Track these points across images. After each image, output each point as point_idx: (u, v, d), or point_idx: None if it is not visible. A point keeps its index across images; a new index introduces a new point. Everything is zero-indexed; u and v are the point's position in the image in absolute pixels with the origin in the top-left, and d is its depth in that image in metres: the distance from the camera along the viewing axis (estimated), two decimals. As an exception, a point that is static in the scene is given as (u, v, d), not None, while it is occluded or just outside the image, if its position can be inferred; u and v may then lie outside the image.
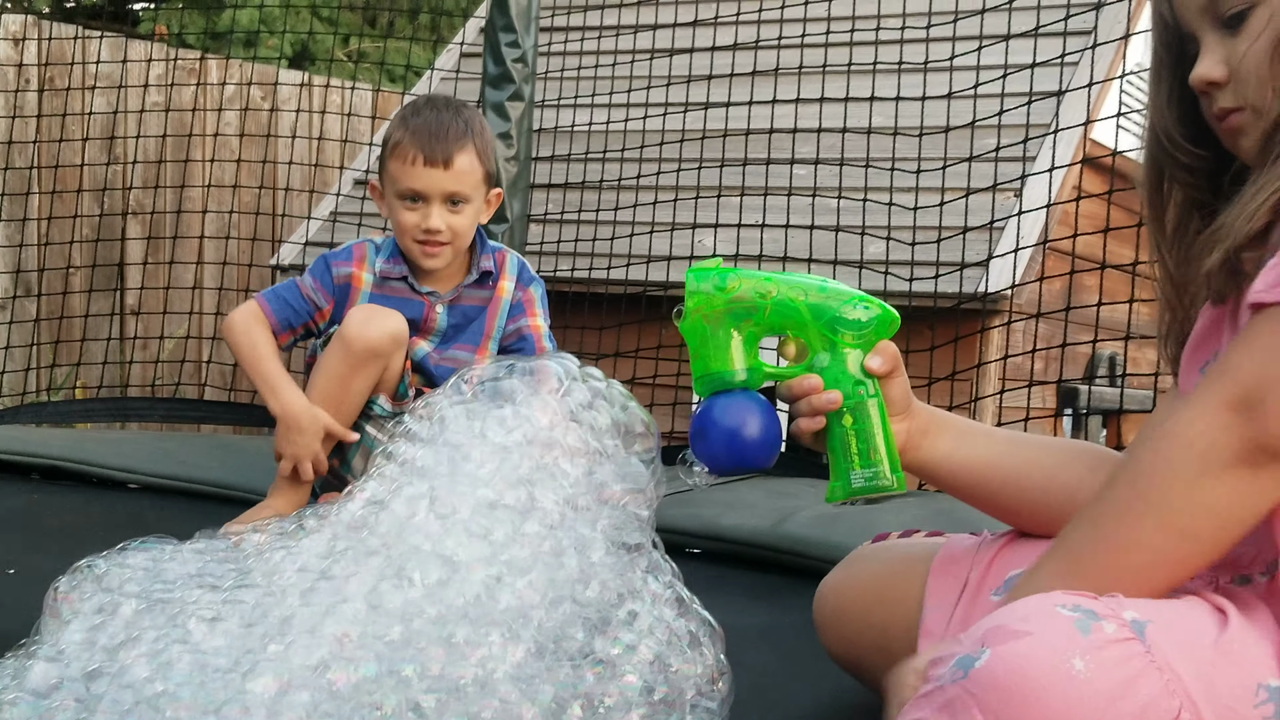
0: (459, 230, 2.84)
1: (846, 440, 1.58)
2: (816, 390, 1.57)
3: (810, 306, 1.58)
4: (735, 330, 1.57)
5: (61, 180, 5.17)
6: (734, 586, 2.57)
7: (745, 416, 1.57)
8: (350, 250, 2.95)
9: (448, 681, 1.49)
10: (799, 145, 4.18)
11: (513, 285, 2.97)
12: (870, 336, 1.58)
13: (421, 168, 2.79)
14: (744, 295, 1.57)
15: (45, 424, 4.46)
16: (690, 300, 1.58)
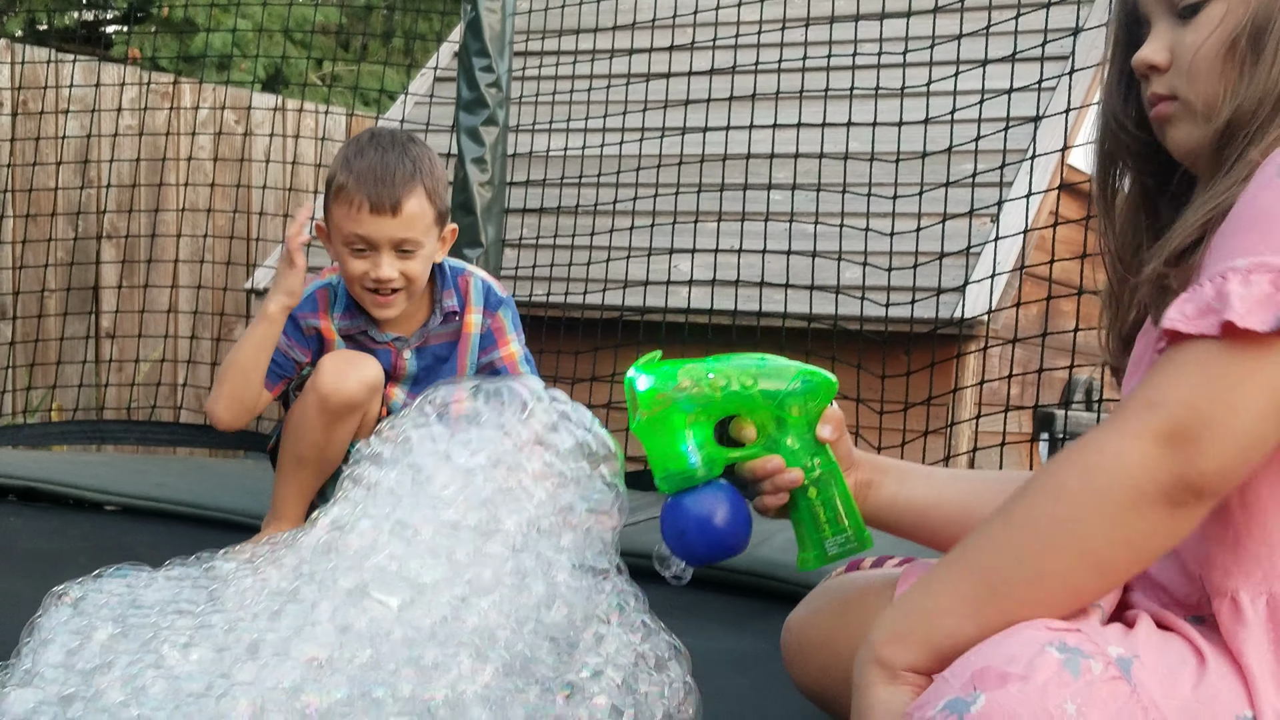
0: (412, 276, 2.69)
1: (814, 511, 1.63)
2: (780, 470, 1.60)
3: (763, 392, 1.61)
4: (688, 423, 1.58)
5: (36, 204, 5.15)
6: (706, 611, 2.57)
7: (715, 509, 1.60)
8: (314, 300, 2.80)
9: (418, 703, 1.49)
10: (776, 170, 4.19)
11: (480, 315, 2.84)
12: (816, 405, 1.62)
13: (368, 215, 2.62)
14: (697, 390, 1.59)
15: (21, 446, 4.44)
16: (640, 400, 1.59)
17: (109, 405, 5.23)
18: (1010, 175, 3.96)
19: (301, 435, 2.72)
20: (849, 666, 1.72)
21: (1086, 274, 3.44)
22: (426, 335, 2.80)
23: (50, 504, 3.43)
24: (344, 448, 2.73)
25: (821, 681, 1.78)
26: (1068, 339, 3.48)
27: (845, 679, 1.73)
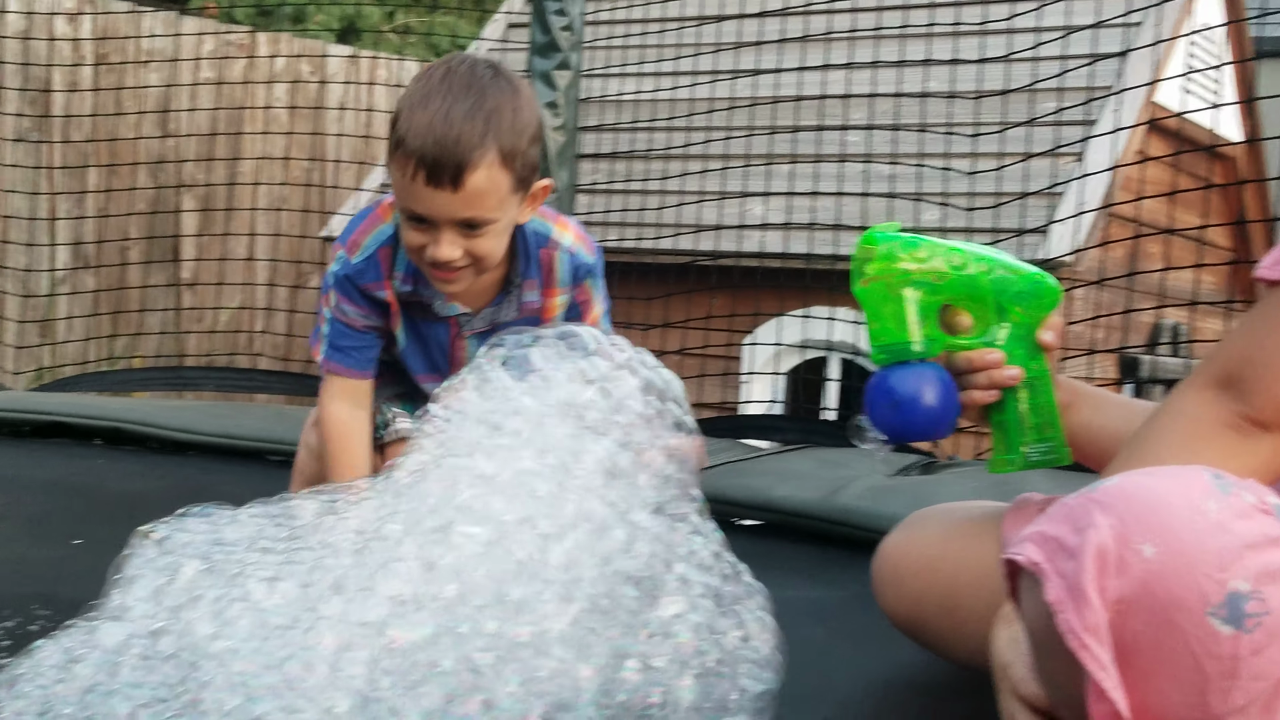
0: (481, 254, 2.17)
1: (1021, 414, 1.60)
2: (998, 365, 1.58)
3: (994, 281, 1.57)
4: (913, 297, 1.56)
5: (117, 154, 5.21)
6: (784, 559, 2.55)
7: (925, 387, 1.57)
8: (375, 264, 2.28)
9: (504, 640, 1.50)
10: (852, 110, 4.14)
11: (567, 296, 2.33)
12: (1040, 309, 1.59)
13: (423, 187, 2.09)
14: (933, 265, 1.56)
15: (105, 392, 4.52)
16: (873, 264, 1.55)
17: (189, 353, 5.30)
18: (1095, 112, 3.88)
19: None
20: (946, 594, 1.71)
21: (1176, 215, 3.37)
22: (494, 321, 2.32)
23: (135, 447, 3.49)
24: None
25: (915, 609, 1.76)
26: (1154, 281, 3.42)
27: (941, 607, 1.71)
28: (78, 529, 2.51)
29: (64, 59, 5.20)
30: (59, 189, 5.19)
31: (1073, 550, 1.19)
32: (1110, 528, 1.16)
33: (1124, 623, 1.15)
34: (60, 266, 5.22)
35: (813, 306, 4.05)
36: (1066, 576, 1.19)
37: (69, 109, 5.19)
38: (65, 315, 5.17)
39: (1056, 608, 1.19)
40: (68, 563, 2.27)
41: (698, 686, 1.59)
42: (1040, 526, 1.24)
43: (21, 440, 3.54)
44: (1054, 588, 1.20)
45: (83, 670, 1.47)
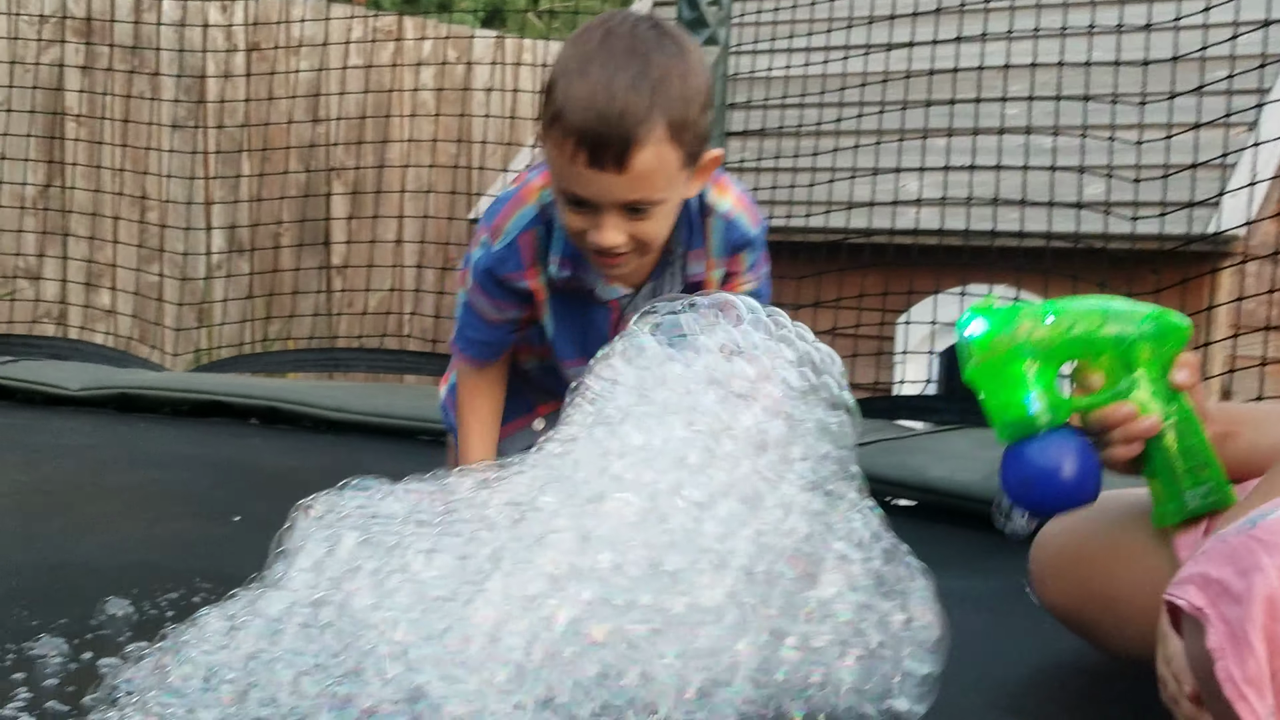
0: (648, 237, 2.00)
1: (1171, 462, 1.54)
2: (1132, 418, 1.52)
3: (1112, 336, 1.52)
4: (1028, 369, 1.51)
5: (269, 139, 5.30)
6: (941, 543, 2.49)
7: (1058, 458, 1.52)
8: (516, 253, 2.12)
9: (660, 613, 1.47)
10: (1011, 82, 4.02)
11: (721, 270, 2.17)
12: (1168, 349, 1.53)
13: (585, 169, 1.91)
14: (1038, 333, 1.51)
15: (259, 373, 4.61)
16: (975, 346, 1.52)
17: (340, 335, 5.38)
18: (1269, 80, 3.72)
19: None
20: (1105, 586, 1.65)
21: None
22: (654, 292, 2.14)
23: (289, 426, 3.54)
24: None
25: (1074, 600, 1.71)
26: (1332, 254, 3.27)
27: (1100, 599, 1.66)
28: (237, 505, 2.55)
29: (217, 47, 5.31)
30: (214, 175, 5.30)
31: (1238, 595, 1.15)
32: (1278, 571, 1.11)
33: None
34: (216, 250, 5.33)
35: (970, 284, 3.95)
36: (1230, 623, 1.15)
37: (223, 96, 5.29)
38: (221, 298, 5.28)
39: (1217, 655, 1.15)
40: (228, 539, 2.31)
41: (859, 668, 1.54)
42: (1202, 567, 1.19)
43: (181, 419, 3.62)
44: (1216, 634, 1.17)
45: (245, 638, 1.48)
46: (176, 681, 1.40)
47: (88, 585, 1.92)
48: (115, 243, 5.12)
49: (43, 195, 5.10)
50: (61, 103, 5.11)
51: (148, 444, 3.23)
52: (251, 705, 1.38)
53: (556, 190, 2.00)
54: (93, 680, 1.50)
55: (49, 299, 5.08)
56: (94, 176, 5.13)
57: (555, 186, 2.00)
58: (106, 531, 2.31)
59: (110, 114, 5.14)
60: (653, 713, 1.42)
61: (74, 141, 5.12)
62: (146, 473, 2.88)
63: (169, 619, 1.74)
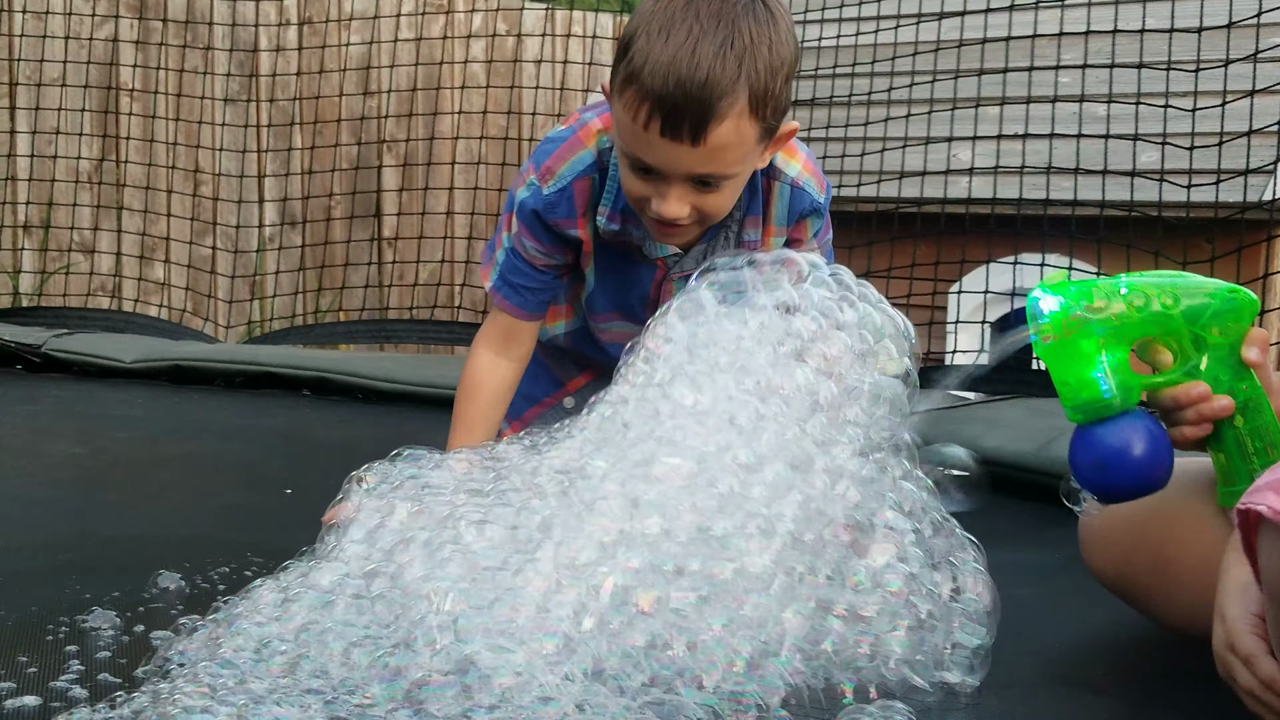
0: (711, 212, 1.91)
1: (1241, 441, 1.52)
2: (1205, 398, 1.50)
3: (1185, 312, 1.50)
4: (1100, 347, 1.48)
5: (321, 112, 5.32)
6: (994, 514, 2.48)
7: (1134, 440, 1.49)
8: (569, 198, 2.01)
9: (708, 580, 1.47)
10: (1065, 49, 3.97)
11: (783, 237, 2.05)
12: (1239, 326, 1.51)
13: (658, 139, 1.79)
14: (1110, 310, 1.49)
15: (312, 345, 4.64)
16: (1048, 323, 1.48)
17: (391, 306, 5.40)
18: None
19: None
20: (1155, 554, 1.64)
21: None
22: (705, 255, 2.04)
23: (341, 397, 3.56)
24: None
25: (1124, 569, 1.70)
26: (1392, 221, 3.21)
27: (1150, 567, 1.65)
28: (289, 477, 2.57)
29: (269, 21, 5.32)
30: (266, 148, 5.33)
31: None
32: None
33: None
34: (268, 223, 5.36)
35: (1023, 253, 3.92)
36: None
37: (275, 70, 5.31)
38: (273, 271, 5.31)
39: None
40: (280, 512, 2.33)
41: (909, 639, 1.54)
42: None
43: (234, 391, 3.65)
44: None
45: (297, 609, 1.49)
46: (228, 653, 1.42)
47: (140, 558, 1.94)
48: (169, 216, 5.17)
49: (97, 170, 5.15)
50: (116, 77, 5.15)
51: (201, 415, 3.26)
52: (303, 676, 1.39)
53: (620, 151, 1.89)
54: (145, 652, 1.52)
55: (104, 272, 5.13)
56: (148, 150, 5.17)
57: (620, 148, 1.89)
58: (159, 504, 2.33)
59: (164, 89, 5.17)
60: (701, 685, 1.42)
61: (128, 116, 5.16)
62: (200, 444, 2.91)
63: (221, 592, 1.76)
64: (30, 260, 5.03)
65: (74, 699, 1.41)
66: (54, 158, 5.00)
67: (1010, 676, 1.59)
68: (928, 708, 1.48)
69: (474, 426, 2.08)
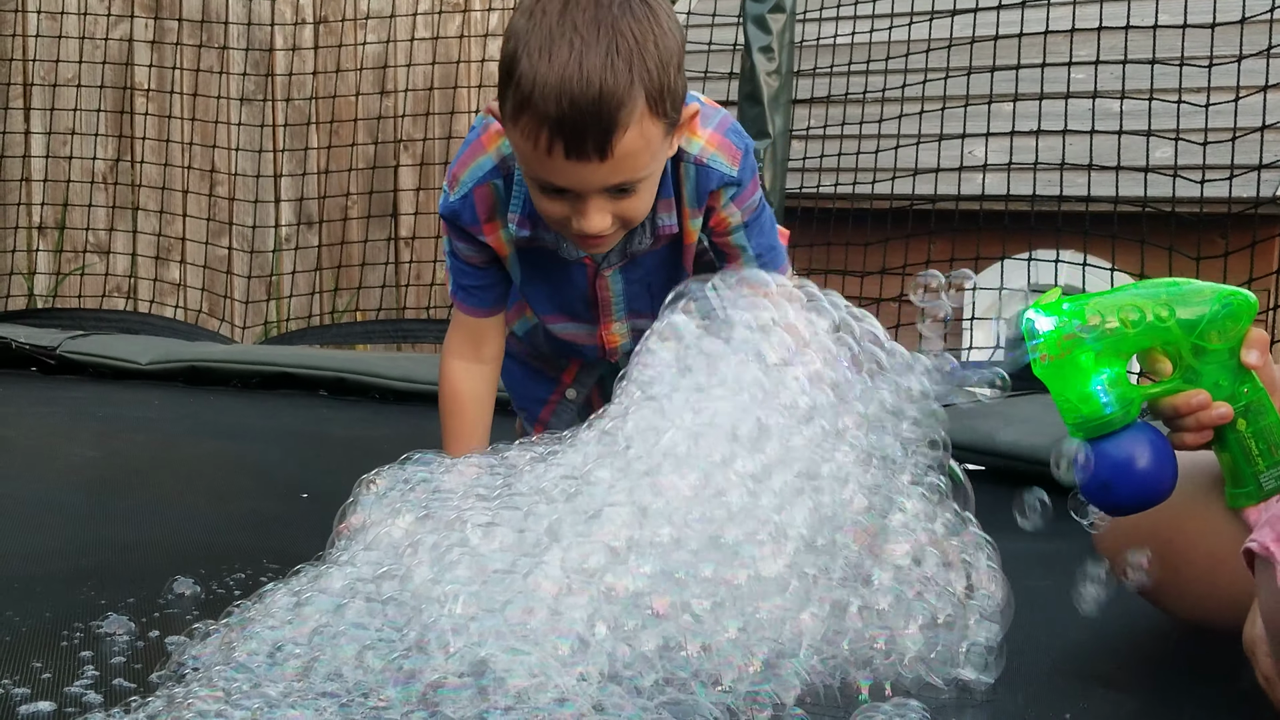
0: (632, 216, 1.87)
1: (1245, 444, 1.53)
2: (1205, 405, 1.50)
3: (1181, 322, 1.50)
4: (1097, 362, 1.49)
5: (338, 111, 5.33)
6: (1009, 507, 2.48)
7: (1133, 453, 1.50)
8: (471, 207, 1.98)
9: (722, 585, 1.47)
10: (1077, 46, 3.96)
11: (699, 220, 2.01)
12: (1238, 329, 1.51)
13: (563, 162, 1.74)
14: (1106, 325, 1.49)
15: (329, 345, 4.65)
16: (1043, 343, 1.49)
17: (409, 306, 5.41)
18: (1342, 40, 3.64)
19: None
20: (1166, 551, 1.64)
21: None
22: (630, 251, 2.02)
23: (357, 397, 3.57)
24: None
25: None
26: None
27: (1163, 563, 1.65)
28: (306, 478, 2.58)
29: (285, 20, 5.34)
30: (282, 148, 5.34)
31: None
32: None
33: None
34: (284, 223, 5.38)
35: (1037, 249, 3.92)
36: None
37: (291, 69, 5.33)
38: (290, 271, 5.33)
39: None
40: (297, 517, 2.33)
41: (924, 637, 1.54)
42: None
43: (251, 391, 3.67)
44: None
45: (310, 613, 1.50)
46: (242, 657, 1.43)
47: (156, 565, 1.95)
48: (184, 216, 5.18)
49: (112, 170, 5.17)
50: (131, 78, 5.17)
51: (217, 416, 3.27)
52: (317, 680, 1.40)
53: (527, 176, 1.85)
54: (160, 658, 1.53)
55: (119, 273, 5.15)
56: (163, 151, 5.19)
57: (526, 173, 1.85)
58: (176, 508, 2.34)
59: (179, 88, 5.19)
60: (717, 684, 1.43)
61: (143, 116, 5.18)
62: (216, 446, 2.92)
63: (236, 598, 1.77)
64: (45, 261, 5.04)
65: (88, 704, 1.42)
66: (69, 158, 5.02)
67: (1023, 671, 1.60)
68: (942, 705, 1.49)
69: (463, 439, 2.06)
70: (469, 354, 2.09)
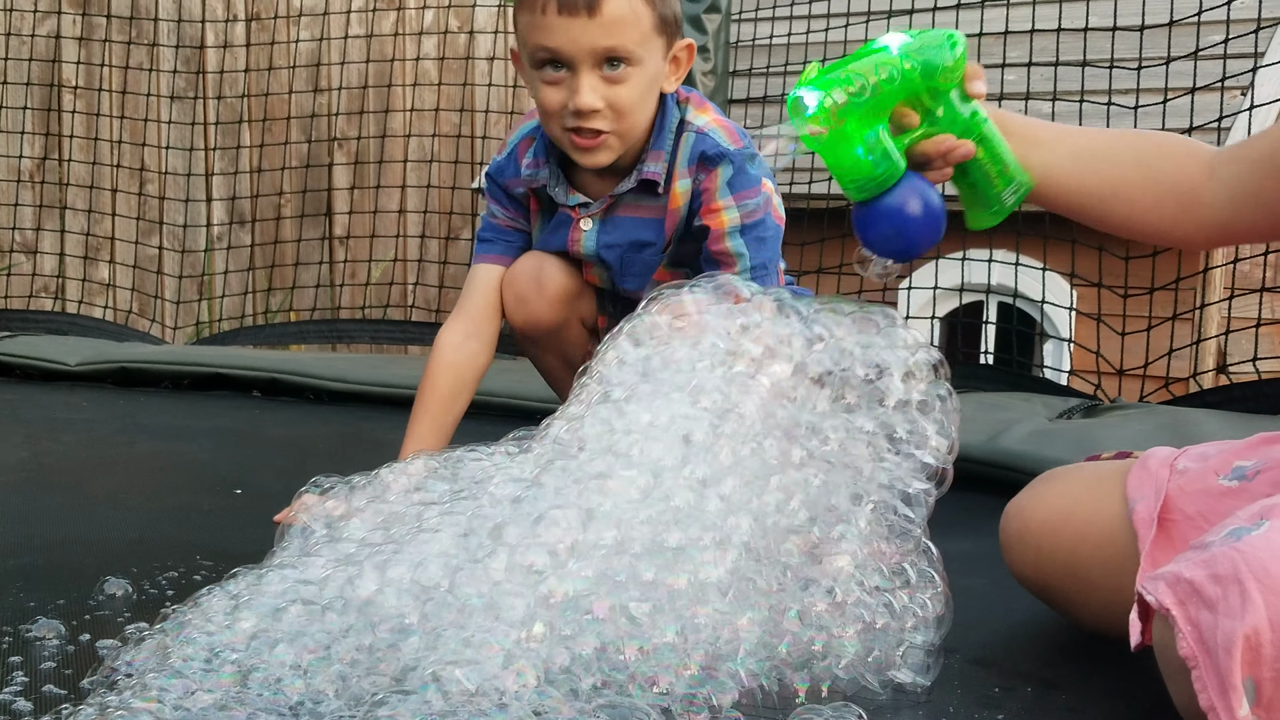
0: (623, 106, 2.05)
1: (984, 170, 1.62)
2: (954, 147, 1.58)
3: (921, 71, 1.55)
4: (861, 124, 1.54)
5: (270, 110, 5.29)
6: (942, 504, 2.50)
7: (909, 200, 1.57)
8: (514, 161, 2.24)
9: (661, 589, 1.47)
10: (1011, 48, 4.01)
11: (689, 181, 2.13)
12: (959, 67, 1.58)
13: (555, 17, 1.98)
14: (862, 90, 1.54)
15: (262, 345, 4.61)
16: (815, 115, 1.53)
17: (343, 306, 5.38)
18: (1264, 44, 3.71)
19: (536, 363, 2.41)
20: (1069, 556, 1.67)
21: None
22: (612, 202, 2.17)
23: (291, 397, 3.54)
24: (579, 356, 2.27)
25: (1040, 570, 1.73)
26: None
27: (1065, 568, 1.68)
28: (239, 478, 2.55)
29: (216, 17, 5.29)
30: (214, 146, 5.29)
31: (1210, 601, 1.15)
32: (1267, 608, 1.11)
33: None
34: (216, 222, 5.32)
35: (970, 249, 3.96)
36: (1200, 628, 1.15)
37: (222, 66, 5.28)
38: (222, 271, 5.27)
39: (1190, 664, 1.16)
40: (230, 513, 2.31)
41: (861, 640, 1.55)
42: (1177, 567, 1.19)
43: (182, 392, 3.62)
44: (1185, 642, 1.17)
45: (247, 617, 1.48)
46: (177, 663, 1.41)
47: (87, 564, 1.92)
48: (114, 215, 5.12)
49: (40, 168, 5.09)
50: (59, 74, 5.10)
51: (148, 418, 3.23)
52: (254, 687, 1.38)
53: (529, 65, 2.06)
54: (91, 662, 1.50)
55: (46, 273, 5.08)
56: (91, 149, 5.13)
57: (530, 58, 2.05)
58: (106, 508, 2.31)
59: (108, 86, 5.13)
60: (654, 685, 1.42)
61: (71, 114, 5.11)
62: (147, 446, 2.89)
63: (169, 598, 1.75)
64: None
65: (18, 712, 1.40)
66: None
67: (959, 672, 1.61)
68: (880, 707, 1.50)
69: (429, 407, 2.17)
70: (462, 329, 2.23)
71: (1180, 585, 1.18)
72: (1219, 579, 1.15)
